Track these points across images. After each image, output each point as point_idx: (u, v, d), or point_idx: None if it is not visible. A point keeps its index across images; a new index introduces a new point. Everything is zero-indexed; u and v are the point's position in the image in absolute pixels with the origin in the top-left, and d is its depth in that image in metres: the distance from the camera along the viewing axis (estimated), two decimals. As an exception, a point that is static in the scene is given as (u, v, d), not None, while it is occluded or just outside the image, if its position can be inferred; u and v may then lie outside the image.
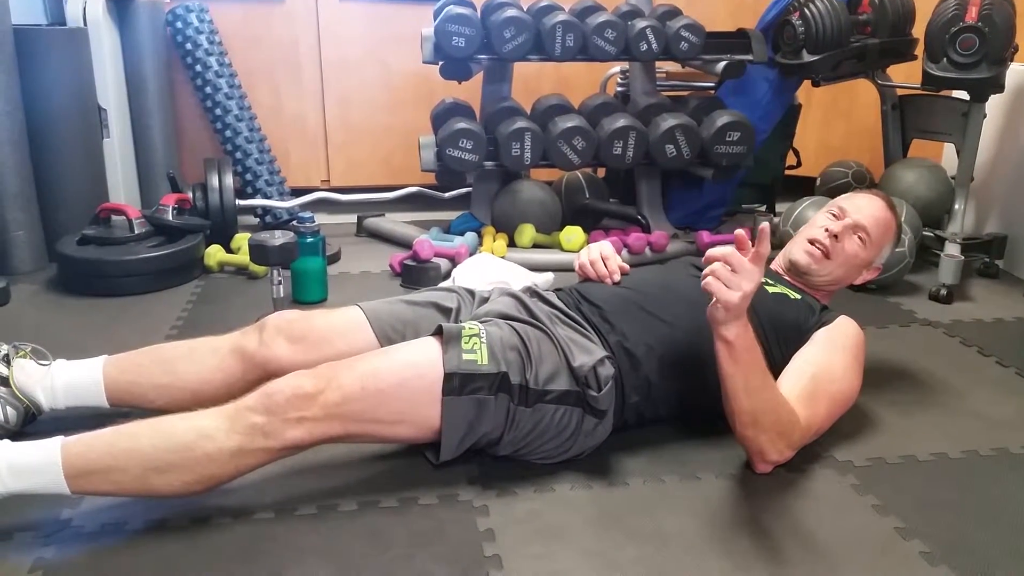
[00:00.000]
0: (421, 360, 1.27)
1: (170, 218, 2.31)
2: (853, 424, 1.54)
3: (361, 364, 1.25)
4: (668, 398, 1.42)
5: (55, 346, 1.46)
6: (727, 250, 1.21)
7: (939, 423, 1.58)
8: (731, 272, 1.20)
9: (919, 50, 2.42)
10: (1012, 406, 1.66)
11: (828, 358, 1.43)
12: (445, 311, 1.52)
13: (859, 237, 1.58)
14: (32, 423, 1.41)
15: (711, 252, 1.23)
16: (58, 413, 1.42)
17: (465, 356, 1.26)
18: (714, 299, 1.22)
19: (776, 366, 1.42)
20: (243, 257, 2.36)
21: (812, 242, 1.59)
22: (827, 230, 1.58)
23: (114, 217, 2.30)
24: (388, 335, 1.46)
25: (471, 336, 1.29)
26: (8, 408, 1.36)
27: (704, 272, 1.23)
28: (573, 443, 1.35)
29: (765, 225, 1.21)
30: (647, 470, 1.38)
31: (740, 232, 1.23)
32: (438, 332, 1.31)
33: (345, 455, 1.39)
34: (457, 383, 1.24)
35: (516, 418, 1.29)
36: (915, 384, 1.75)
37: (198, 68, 2.82)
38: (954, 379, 1.77)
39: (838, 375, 1.42)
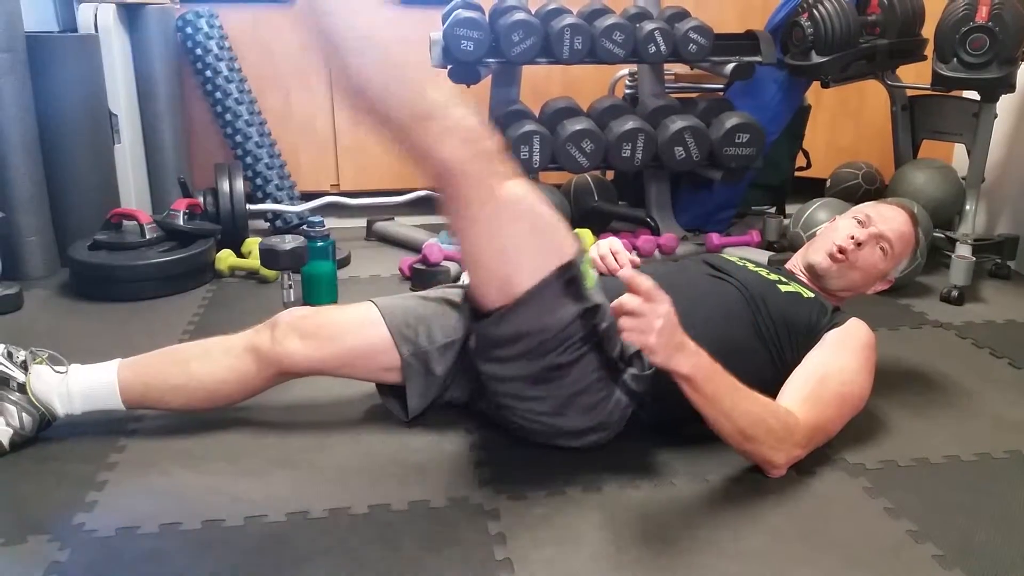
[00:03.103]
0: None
1: (181, 223, 2.32)
2: (865, 426, 1.54)
3: None
4: (680, 399, 1.41)
5: (67, 351, 1.47)
6: (620, 300, 1.17)
7: (951, 425, 1.57)
8: (635, 319, 1.16)
9: (929, 50, 2.41)
10: (1025, 408, 1.65)
11: (838, 360, 1.42)
12: (457, 307, 1.52)
13: (881, 248, 1.57)
14: (46, 429, 1.41)
15: (612, 307, 1.19)
16: (74, 418, 1.42)
17: (583, 265, 1.29)
18: None
19: (788, 366, 1.42)
20: (254, 261, 2.37)
21: (838, 249, 1.57)
22: (852, 237, 1.56)
23: (125, 222, 2.32)
24: (401, 330, 1.46)
25: (588, 261, 1.34)
26: (24, 415, 1.37)
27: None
28: (597, 411, 1.34)
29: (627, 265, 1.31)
30: (658, 473, 1.38)
31: (624, 273, 1.19)
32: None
33: (356, 458, 1.39)
34: (568, 278, 1.26)
35: (570, 346, 1.28)
36: (927, 386, 1.75)
37: (208, 73, 2.84)
38: (966, 381, 1.76)
39: (848, 377, 1.41)
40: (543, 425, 1.37)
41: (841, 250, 1.56)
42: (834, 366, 1.41)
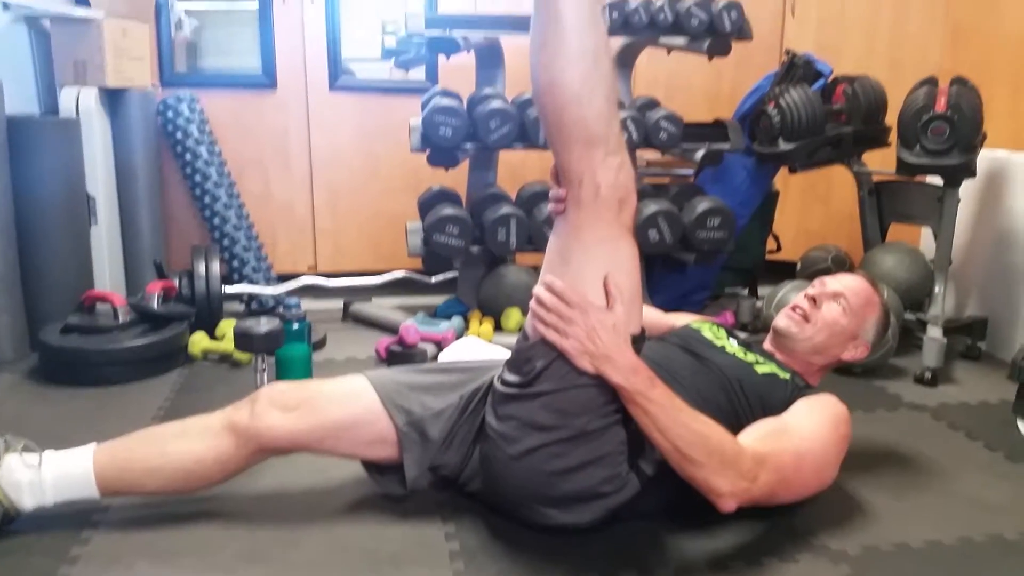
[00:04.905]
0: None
1: (155, 306, 2.30)
2: (845, 511, 1.53)
3: None
4: (665, 481, 1.37)
5: (34, 438, 1.42)
6: (536, 291, 1.33)
7: (931, 509, 1.57)
8: (556, 318, 1.28)
9: (893, 137, 2.49)
10: (1003, 490, 1.65)
11: (801, 420, 1.43)
12: (448, 374, 1.52)
13: (838, 303, 1.62)
14: (10, 524, 1.36)
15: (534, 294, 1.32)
16: (45, 511, 1.37)
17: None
18: None
19: None
20: (227, 344, 2.34)
21: (793, 308, 1.65)
22: (806, 295, 1.66)
23: (99, 305, 2.29)
24: (394, 400, 1.43)
25: None
26: None
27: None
28: (605, 483, 1.32)
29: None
30: (638, 564, 1.35)
31: (546, 279, 1.33)
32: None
33: (328, 551, 1.35)
34: (636, 349, 1.30)
35: (606, 413, 1.29)
36: (906, 469, 1.74)
37: (188, 157, 2.86)
38: (944, 464, 1.77)
39: (809, 434, 1.40)
40: (539, 484, 1.33)
41: (796, 307, 1.64)
42: (794, 423, 1.42)
